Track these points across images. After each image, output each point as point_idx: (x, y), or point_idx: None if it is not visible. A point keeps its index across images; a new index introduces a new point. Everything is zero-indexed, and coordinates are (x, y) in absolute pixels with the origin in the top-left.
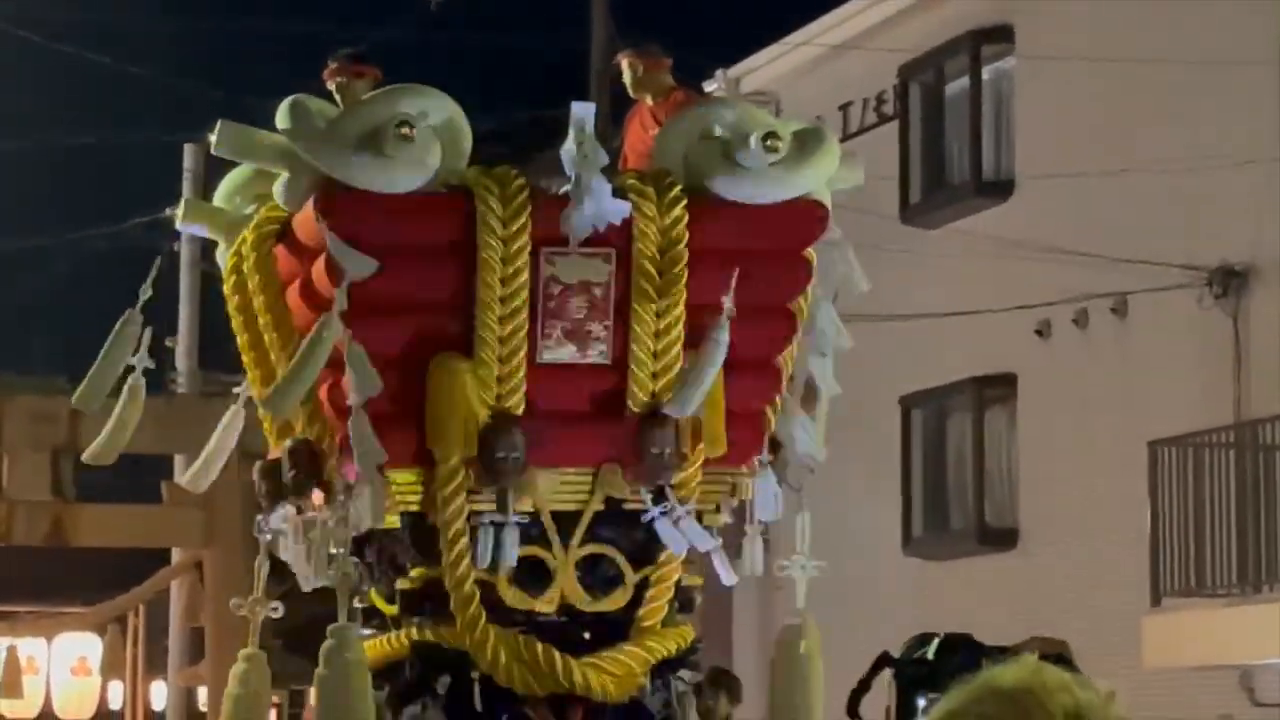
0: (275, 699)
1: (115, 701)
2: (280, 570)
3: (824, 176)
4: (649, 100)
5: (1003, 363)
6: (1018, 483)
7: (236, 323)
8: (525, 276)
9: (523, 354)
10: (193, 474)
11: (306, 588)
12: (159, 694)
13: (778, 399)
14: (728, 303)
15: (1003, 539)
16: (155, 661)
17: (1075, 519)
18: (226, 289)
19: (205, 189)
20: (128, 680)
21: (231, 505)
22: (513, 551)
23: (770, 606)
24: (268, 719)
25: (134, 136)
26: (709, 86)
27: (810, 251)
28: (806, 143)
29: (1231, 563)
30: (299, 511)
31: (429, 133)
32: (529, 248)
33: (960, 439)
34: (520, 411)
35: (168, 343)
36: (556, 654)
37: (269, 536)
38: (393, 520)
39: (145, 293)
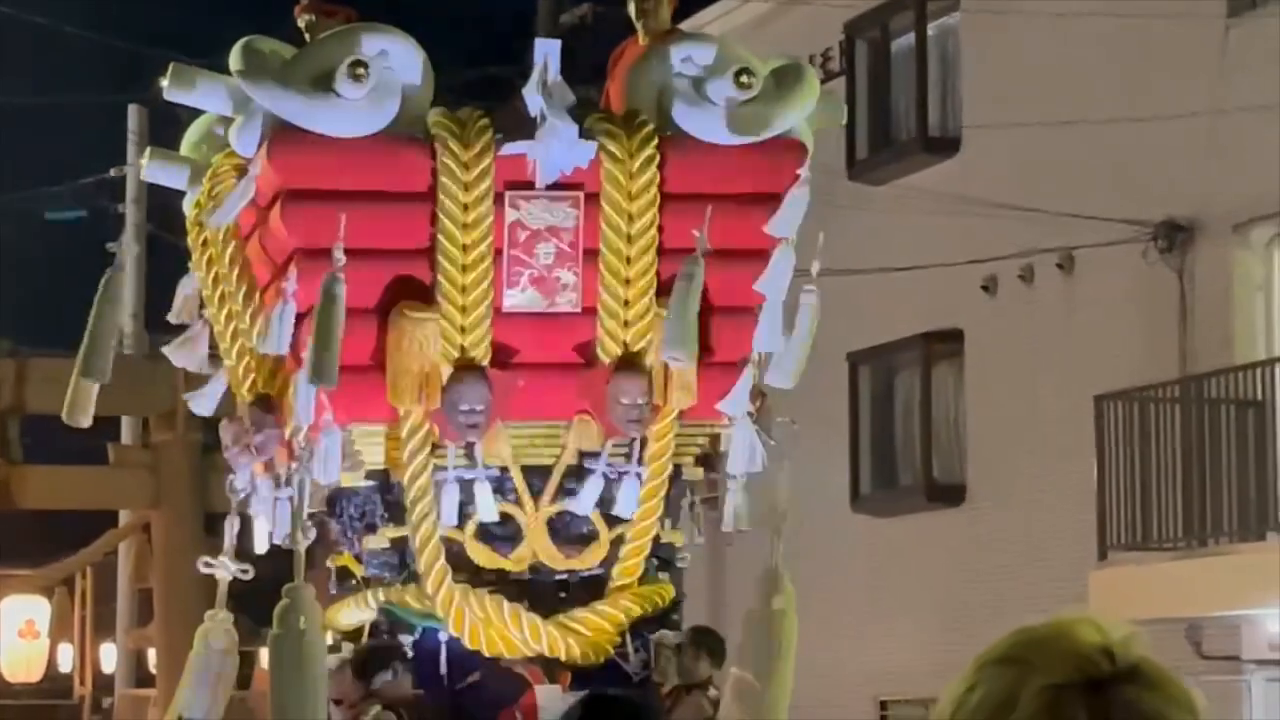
0: None
1: (64, 664)
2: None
3: (802, 115)
4: (641, 39)
5: (949, 319)
6: (965, 439)
7: (200, 273)
8: (489, 222)
9: (487, 302)
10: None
11: (274, 542)
12: (108, 656)
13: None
14: (701, 235)
15: (950, 495)
16: (104, 623)
17: (1022, 474)
18: (190, 239)
19: (150, 152)
20: (76, 642)
21: (179, 467)
22: (489, 506)
23: (720, 561)
24: (233, 680)
25: (76, 98)
26: None
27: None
28: (783, 80)
29: (1177, 516)
30: (266, 468)
31: (389, 75)
32: (492, 192)
33: (908, 395)
34: (486, 362)
35: None
36: (524, 614)
37: (240, 495)
38: (360, 478)
39: (129, 249)
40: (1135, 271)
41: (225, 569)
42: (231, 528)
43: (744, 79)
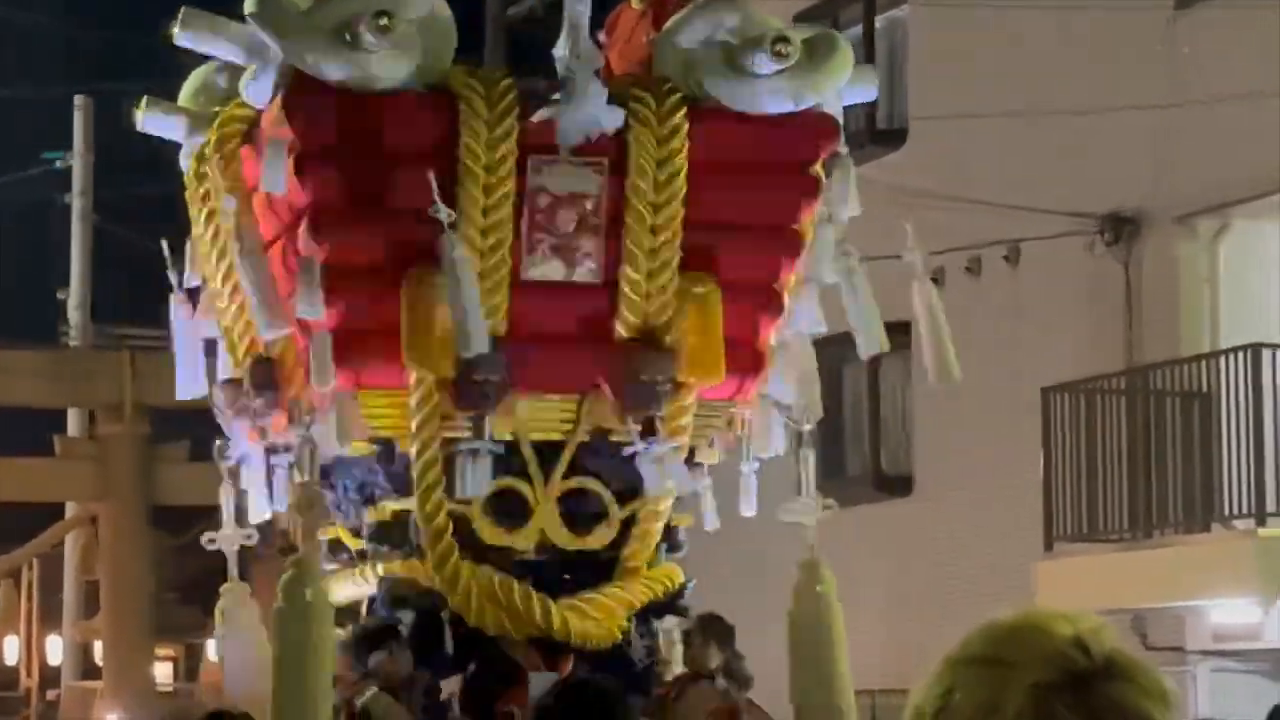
0: (171, 652)
1: (10, 656)
2: (177, 522)
3: (835, 86)
4: (635, 3)
5: (897, 311)
6: (913, 430)
7: (198, 230)
8: (510, 185)
9: (506, 270)
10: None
11: (262, 515)
12: (54, 648)
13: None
14: (912, 255)
15: (898, 486)
16: (50, 615)
17: (969, 465)
18: (188, 193)
19: (96, 142)
20: (22, 634)
21: (126, 458)
22: (483, 480)
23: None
24: (267, 648)
25: (22, 88)
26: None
27: (819, 168)
28: (816, 50)
29: (1123, 508)
30: (261, 435)
31: (410, 27)
32: (515, 154)
33: (855, 386)
34: (503, 332)
35: (59, 295)
36: (534, 595)
37: (231, 462)
38: (363, 447)
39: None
40: (1081, 264)
41: (227, 539)
42: (228, 496)
43: (781, 48)
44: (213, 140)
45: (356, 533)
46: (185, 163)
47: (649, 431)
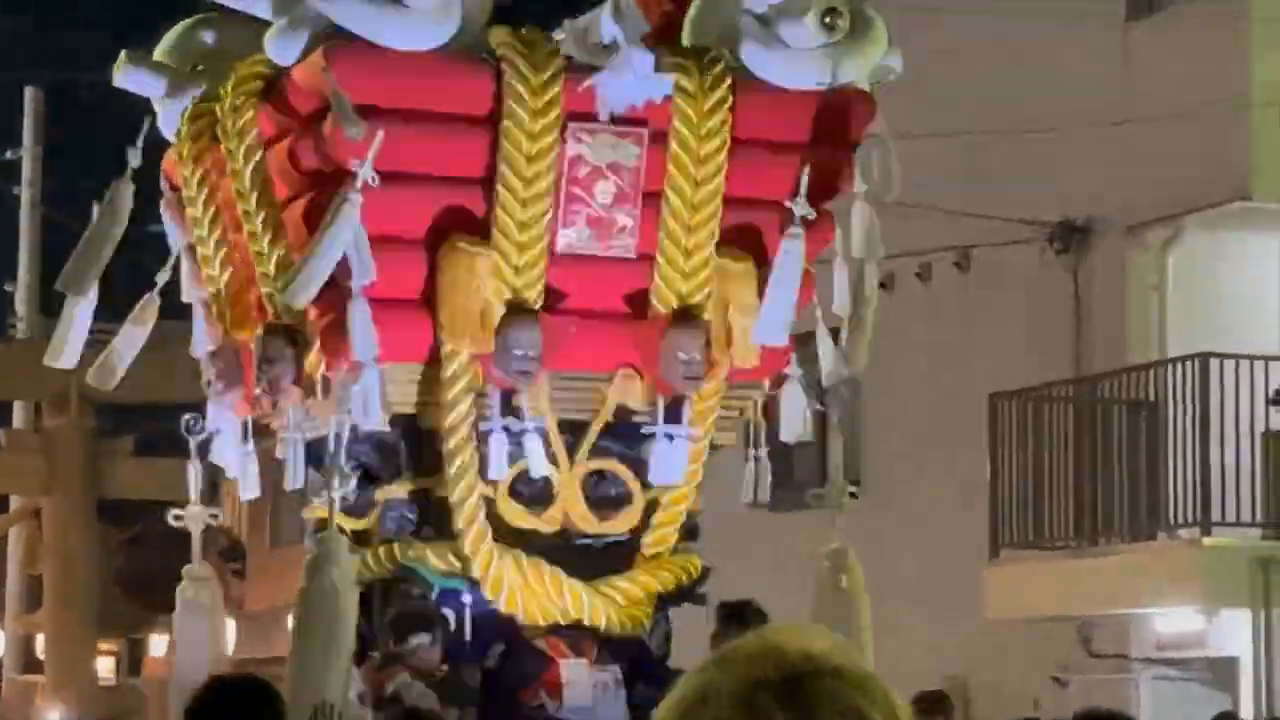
0: (114, 648)
1: None
2: (122, 516)
3: (873, 62)
4: None
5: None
6: (861, 435)
7: (192, 192)
8: (554, 155)
9: (544, 241)
10: (98, 368)
11: (246, 496)
12: None
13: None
14: (799, 206)
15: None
16: None
17: (917, 471)
18: (180, 153)
19: (47, 134)
20: None
21: (71, 452)
22: (540, 460)
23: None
24: (224, 634)
25: None
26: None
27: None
28: (856, 24)
29: (1069, 516)
30: (252, 408)
31: None
32: (560, 123)
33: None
34: (539, 305)
35: (7, 287)
36: (564, 578)
37: (201, 436)
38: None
39: (134, 157)
40: (1031, 272)
41: (193, 517)
42: (195, 473)
43: (831, 20)
44: (229, 98)
45: (353, 513)
46: (167, 120)
47: (674, 413)
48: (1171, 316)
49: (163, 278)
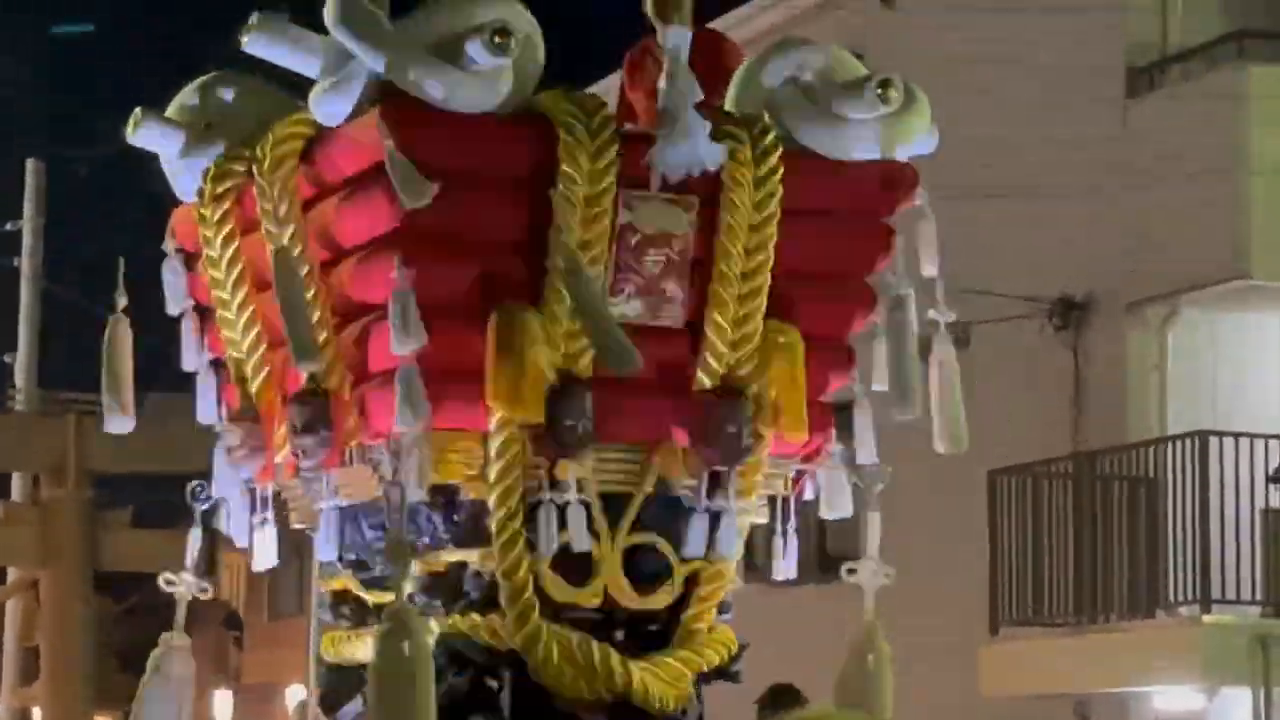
0: None
1: None
2: (119, 588)
3: (918, 135)
4: (660, 38)
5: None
6: (859, 509)
7: (215, 253)
8: (608, 221)
9: None
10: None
11: (261, 566)
12: None
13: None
14: (895, 279)
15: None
16: None
17: (915, 547)
18: (203, 214)
19: (48, 206)
20: None
21: (69, 524)
22: (583, 533)
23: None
24: (191, 712)
25: None
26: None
27: (893, 219)
28: (905, 96)
29: (1068, 593)
30: (272, 477)
31: (517, 46)
32: (615, 189)
33: None
34: (589, 374)
35: (5, 359)
36: (614, 655)
37: (205, 505)
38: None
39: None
40: (1031, 347)
41: (186, 586)
42: (195, 542)
43: (884, 92)
44: (269, 158)
45: (372, 585)
46: (182, 180)
47: (717, 487)
48: (1171, 393)
49: (121, 300)
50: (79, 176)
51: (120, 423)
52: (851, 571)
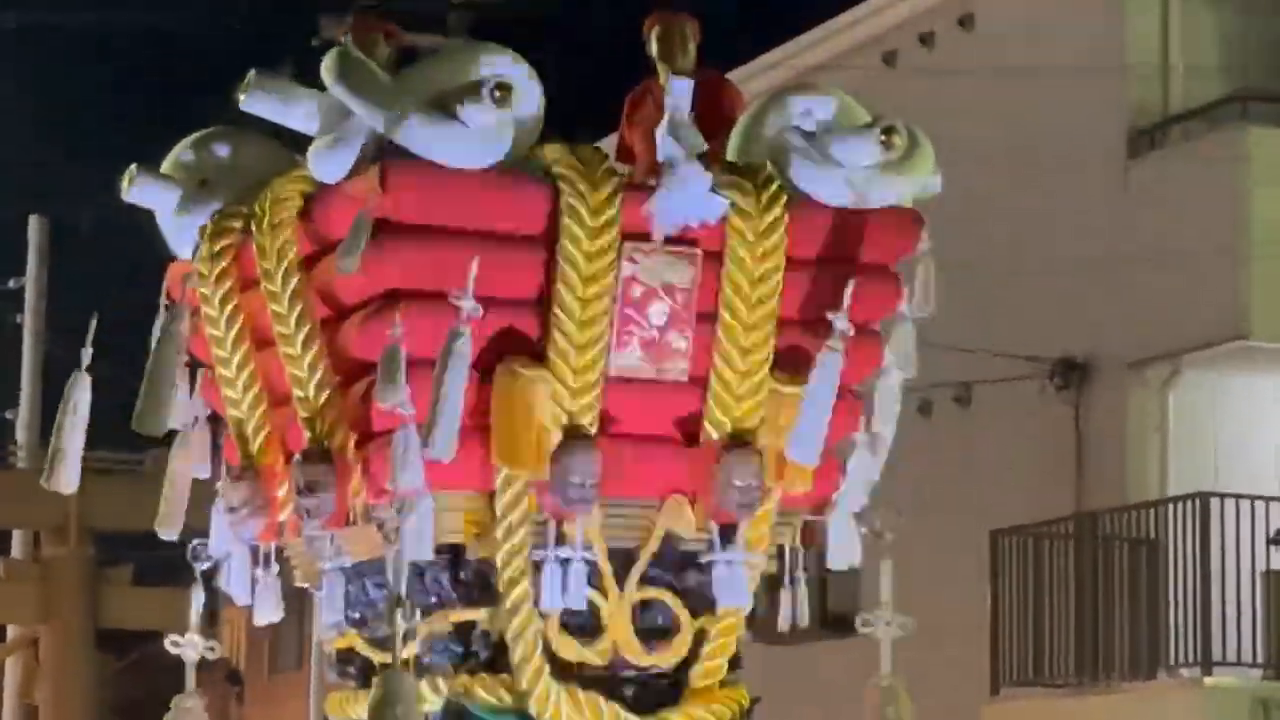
0: None
1: None
2: (120, 645)
3: (922, 181)
4: (663, 80)
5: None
6: (860, 568)
7: (214, 311)
8: (611, 276)
9: (601, 365)
10: (162, 518)
11: (263, 621)
12: None
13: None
14: (841, 321)
15: (844, 624)
16: None
17: (917, 606)
18: (202, 271)
19: (51, 263)
20: None
21: (70, 582)
22: (581, 591)
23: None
24: None
25: None
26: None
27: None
28: (908, 143)
29: (1069, 653)
30: (277, 535)
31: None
32: (618, 243)
33: None
34: (594, 430)
35: (7, 415)
36: (621, 712)
37: (206, 564)
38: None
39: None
40: (1032, 408)
41: (192, 647)
42: (197, 600)
43: (888, 139)
44: (268, 215)
45: (378, 644)
46: (177, 235)
47: (727, 540)
48: (1172, 454)
49: (87, 356)
50: (80, 233)
51: (59, 480)
52: (866, 624)
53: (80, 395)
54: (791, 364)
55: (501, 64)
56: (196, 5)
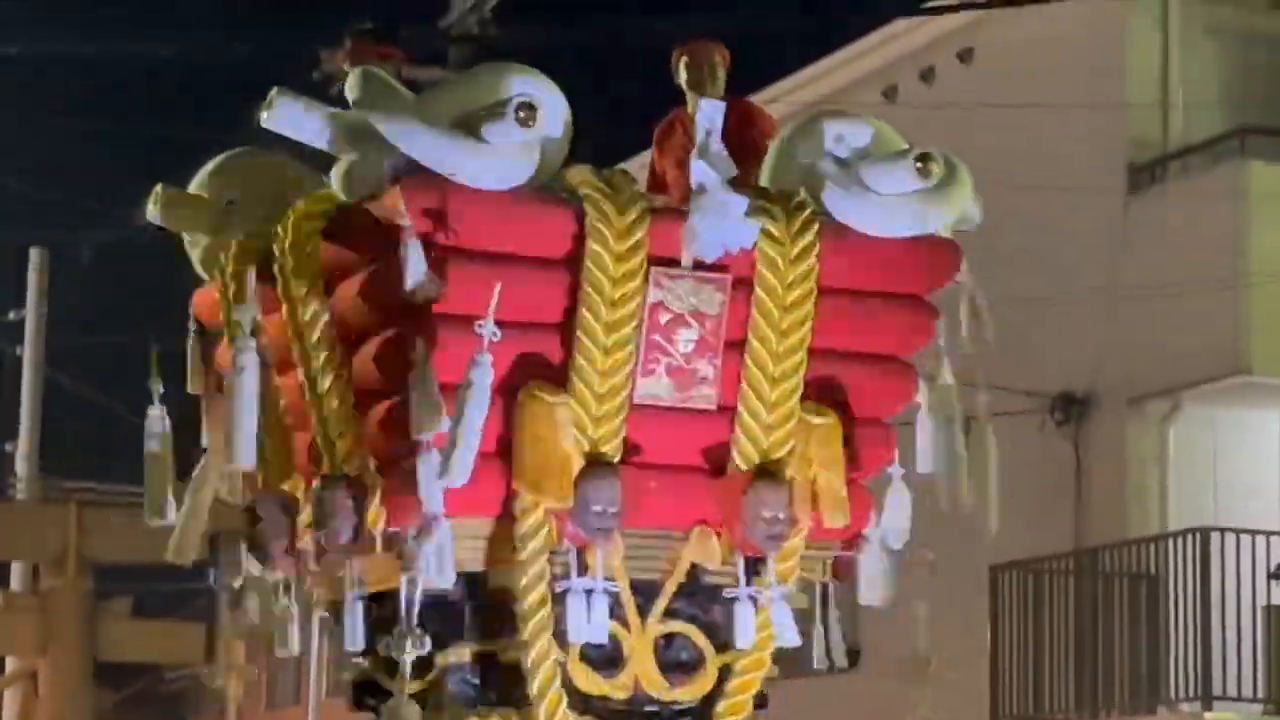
0: None
1: None
2: (119, 677)
3: (959, 210)
4: (691, 108)
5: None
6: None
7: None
8: (637, 301)
9: (626, 391)
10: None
11: (284, 654)
12: None
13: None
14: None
15: (846, 659)
16: None
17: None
18: (228, 293)
19: (51, 294)
20: None
21: (69, 614)
22: (603, 624)
23: None
24: None
25: None
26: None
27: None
28: (945, 170)
29: (1069, 688)
30: (296, 562)
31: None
32: (645, 268)
33: None
34: (617, 458)
35: (7, 447)
36: None
37: (227, 595)
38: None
39: (156, 387)
40: (1032, 443)
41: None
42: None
43: (925, 166)
44: (289, 237)
45: (391, 673)
46: (202, 259)
47: (752, 573)
48: (1172, 489)
49: (158, 387)
50: (80, 264)
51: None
52: (898, 664)
53: (155, 428)
54: (821, 394)
55: (528, 84)
56: (197, 40)
